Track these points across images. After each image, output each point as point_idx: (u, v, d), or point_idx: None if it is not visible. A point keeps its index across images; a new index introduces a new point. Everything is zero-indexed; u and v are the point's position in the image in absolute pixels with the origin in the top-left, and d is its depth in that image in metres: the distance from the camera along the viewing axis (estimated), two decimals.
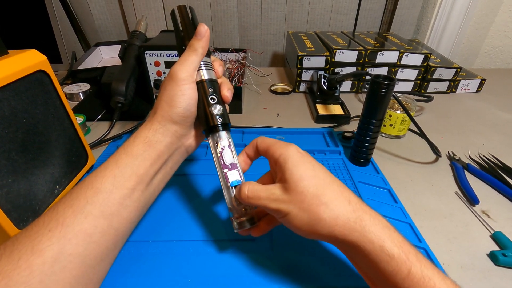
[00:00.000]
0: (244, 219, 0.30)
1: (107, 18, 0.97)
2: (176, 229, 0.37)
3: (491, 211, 0.41)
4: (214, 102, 0.32)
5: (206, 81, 0.32)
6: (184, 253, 0.34)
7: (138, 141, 0.30)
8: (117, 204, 0.27)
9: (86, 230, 0.25)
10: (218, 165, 0.31)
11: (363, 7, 0.97)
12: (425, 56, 0.72)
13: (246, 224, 0.30)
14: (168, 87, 0.31)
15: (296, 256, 0.33)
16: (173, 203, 0.40)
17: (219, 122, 0.31)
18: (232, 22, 0.97)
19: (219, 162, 0.31)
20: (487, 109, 0.70)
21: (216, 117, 0.31)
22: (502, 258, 0.33)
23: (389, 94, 0.42)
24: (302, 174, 0.26)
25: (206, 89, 0.32)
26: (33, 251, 0.23)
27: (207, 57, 0.34)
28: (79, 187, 0.27)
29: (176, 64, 0.31)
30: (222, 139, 0.31)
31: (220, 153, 0.31)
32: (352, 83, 0.77)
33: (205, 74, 0.32)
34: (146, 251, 0.34)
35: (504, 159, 0.50)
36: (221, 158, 0.31)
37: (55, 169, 0.39)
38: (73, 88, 0.72)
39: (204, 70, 0.33)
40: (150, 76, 0.62)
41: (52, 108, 0.38)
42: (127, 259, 0.33)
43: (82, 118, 0.58)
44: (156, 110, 0.31)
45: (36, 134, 0.35)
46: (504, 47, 1.05)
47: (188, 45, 0.32)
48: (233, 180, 0.30)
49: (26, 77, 0.34)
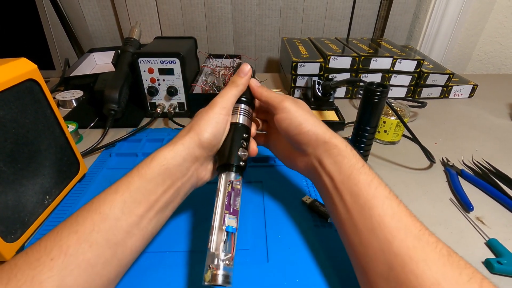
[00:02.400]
0: (221, 274, 0.26)
1: (101, 24, 0.96)
2: (167, 239, 0.36)
3: (486, 217, 0.41)
4: (244, 147, 0.33)
5: (241, 125, 0.34)
6: (176, 264, 0.33)
7: (155, 163, 0.28)
8: (123, 233, 0.26)
9: (89, 260, 0.24)
10: (221, 204, 0.29)
11: (357, 14, 0.98)
12: (418, 62, 0.72)
13: (220, 281, 0.25)
14: (205, 114, 0.31)
15: (292, 268, 0.33)
16: None
17: (240, 164, 0.32)
18: (227, 28, 0.97)
19: (223, 201, 0.29)
20: (480, 114, 0.70)
21: (238, 158, 0.32)
22: (498, 266, 0.33)
23: (382, 102, 0.43)
24: None
25: (240, 131, 0.33)
26: (33, 282, 0.21)
27: (249, 107, 0.36)
28: (85, 209, 0.26)
29: (217, 96, 0.33)
30: (238, 181, 0.31)
31: (228, 193, 0.30)
32: (346, 89, 0.77)
33: (241, 119, 0.34)
34: (136, 263, 0.33)
35: (497, 165, 0.50)
36: (228, 198, 0.29)
37: (45, 179, 0.38)
38: (66, 95, 0.71)
39: (242, 115, 0.34)
40: (143, 83, 0.61)
41: (42, 117, 0.38)
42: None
43: (75, 125, 0.57)
44: (185, 133, 0.31)
45: (26, 144, 0.35)
46: (495, 53, 1.06)
47: (230, 80, 0.34)
48: (229, 225, 0.28)
49: (15, 86, 0.33)
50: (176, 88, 0.62)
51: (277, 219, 0.39)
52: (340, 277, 0.32)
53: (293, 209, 0.40)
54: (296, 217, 0.39)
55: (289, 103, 0.33)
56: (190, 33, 0.98)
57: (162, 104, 0.64)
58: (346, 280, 0.31)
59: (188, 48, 0.64)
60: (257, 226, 0.38)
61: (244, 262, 0.33)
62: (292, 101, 0.34)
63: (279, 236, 0.36)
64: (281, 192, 0.43)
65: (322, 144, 0.31)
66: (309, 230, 0.37)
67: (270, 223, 0.38)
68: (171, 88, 0.61)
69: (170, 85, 0.61)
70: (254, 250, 0.35)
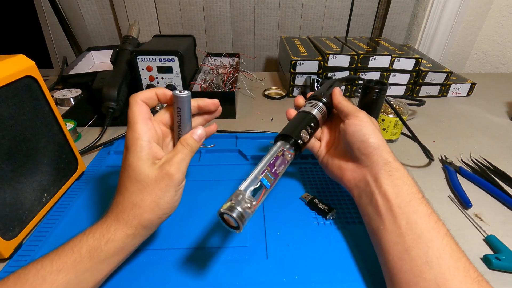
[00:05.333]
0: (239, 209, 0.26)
1: (99, 22, 0.96)
2: (168, 237, 0.36)
3: (484, 214, 0.41)
4: (309, 130, 0.36)
5: (313, 116, 0.38)
6: (176, 261, 0.33)
7: (110, 246, 0.26)
8: None
9: None
10: (266, 160, 0.31)
11: (355, 13, 0.98)
12: (416, 60, 0.72)
13: (236, 214, 0.25)
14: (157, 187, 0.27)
15: (291, 265, 0.33)
16: None
17: (299, 141, 0.35)
18: (226, 27, 0.97)
19: (269, 159, 0.32)
20: (478, 112, 0.71)
21: (301, 136, 0.35)
22: (496, 262, 0.33)
23: (381, 99, 0.43)
24: None
25: (311, 120, 0.37)
26: None
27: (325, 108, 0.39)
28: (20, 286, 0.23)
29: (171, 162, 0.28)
30: (289, 151, 0.34)
31: (277, 157, 0.32)
32: (345, 88, 0.77)
33: (315, 112, 0.38)
34: (136, 260, 0.33)
35: (495, 162, 0.50)
36: (275, 160, 0.32)
37: (43, 177, 0.38)
38: (64, 93, 0.71)
39: (317, 110, 0.38)
40: (142, 81, 0.61)
41: (40, 115, 0.37)
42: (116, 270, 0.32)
43: (73, 124, 0.57)
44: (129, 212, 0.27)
45: (24, 141, 0.35)
46: (493, 52, 1.07)
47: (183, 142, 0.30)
48: (265, 179, 0.29)
49: (13, 83, 0.33)
50: (175, 86, 0.62)
51: (276, 216, 0.39)
52: (340, 274, 0.32)
53: (292, 206, 0.40)
54: (296, 214, 0.39)
55: (364, 114, 0.35)
56: (189, 32, 0.98)
57: None
58: (345, 277, 0.31)
59: (186, 46, 0.64)
60: (256, 223, 0.38)
61: (243, 259, 0.33)
62: (366, 114, 0.35)
63: (278, 233, 0.36)
64: (280, 189, 0.43)
65: (384, 163, 0.31)
66: (308, 227, 0.37)
67: (270, 220, 0.38)
68: (170, 87, 0.61)
69: (168, 83, 0.61)
70: (254, 247, 0.35)
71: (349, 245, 0.35)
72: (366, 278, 0.31)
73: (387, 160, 0.31)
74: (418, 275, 0.25)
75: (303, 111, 0.38)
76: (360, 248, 0.34)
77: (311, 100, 0.40)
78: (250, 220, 0.38)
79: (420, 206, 0.28)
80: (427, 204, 0.29)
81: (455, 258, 0.25)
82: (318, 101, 0.39)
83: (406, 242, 0.27)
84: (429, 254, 0.25)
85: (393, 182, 0.30)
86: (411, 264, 0.26)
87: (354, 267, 0.32)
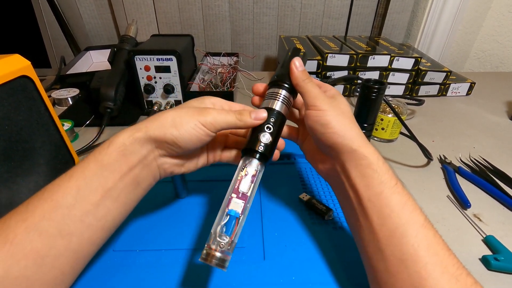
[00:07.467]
0: (216, 255, 0.25)
1: (97, 22, 0.96)
2: (164, 238, 0.36)
3: (483, 214, 0.41)
4: (268, 131, 0.31)
5: (275, 112, 0.32)
6: (173, 263, 0.33)
7: (113, 148, 0.26)
8: (78, 222, 0.24)
9: (39, 251, 0.22)
10: (231, 187, 0.29)
11: (354, 12, 0.98)
12: (415, 60, 0.72)
13: (214, 261, 0.25)
14: (191, 111, 0.28)
15: (288, 266, 0.32)
16: (161, 211, 0.39)
17: (259, 150, 0.30)
18: (224, 26, 0.97)
19: (232, 184, 0.29)
20: (477, 112, 0.70)
21: (260, 144, 0.30)
22: (494, 263, 0.33)
23: (380, 98, 0.42)
24: None
25: (274, 113, 0.32)
26: None
27: (290, 94, 0.33)
28: (37, 197, 0.24)
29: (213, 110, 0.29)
30: (252, 166, 0.30)
31: (240, 177, 0.29)
32: (344, 87, 0.77)
33: (278, 105, 0.32)
34: (133, 261, 0.33)
35: (494, 162, 0.50)
36: (239, 182, 0.29)
37: (39, 177, 0.37)
38: (62, 93, 0.71)
39: (280, 102, 0.32)
40: (140, 81, 0.61)
41: (36, 115, 0.37)
42: (112, 270, 0.32)
43: (70, 123, 0.57)
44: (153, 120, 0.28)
45: (19, 142, 0.34)
46: (493, 51, 1.06)
47: (239, 112, 0.30)
48: (232, 209, 0.27)
49: (8, 83, 0.33)
50: (173, 86, 0.61)
51: (274, 217, 0.39)
52: (337, 275, 0.31)
53: (290, 207, 0.40)
54: (293, 215, 0.39)
55: (323, 101, 0.30)
56: (187, 31, 0.97)
57: (158, 102, 0.63)
58: (342, 278, 0.31)
59: (185, 45, 0.64)
60: (253, 224, 0.37)
61: (241, 260, 0.33)
62: (327, 99, 0.30)
63: (275, 234, 0.36)
64: (278, 189, 0.43)
65: (349, 152, 0.28)
66: (306, 228, 0.37)
67: (267, 220, 0.38)
68: (168, 86, 0.61)
69: (166, 83, 0.61)
70: (251, 247, 0.34)
71: (346, 246, 0.35)
72: (364, 279, 0.31)
73: (352, 147, 0.28)
74: (394, 275, 0.24)
75: (265, 107, 0.32)
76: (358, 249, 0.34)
77: (272, 88, 0.34)
78: (247, 220, 0.38)
79: (392, 196, 0.26)
80: (400, 192, 0.26)
81: (432, 253, 0.23)
82: (280, 88, 0.33)
83: (379, 239, 0.25)
84: (403, 251, 0.23)
85: (362, 172, 0.27)
86: (386, 263, 0.24)
87: (352, 268, 0.32)
